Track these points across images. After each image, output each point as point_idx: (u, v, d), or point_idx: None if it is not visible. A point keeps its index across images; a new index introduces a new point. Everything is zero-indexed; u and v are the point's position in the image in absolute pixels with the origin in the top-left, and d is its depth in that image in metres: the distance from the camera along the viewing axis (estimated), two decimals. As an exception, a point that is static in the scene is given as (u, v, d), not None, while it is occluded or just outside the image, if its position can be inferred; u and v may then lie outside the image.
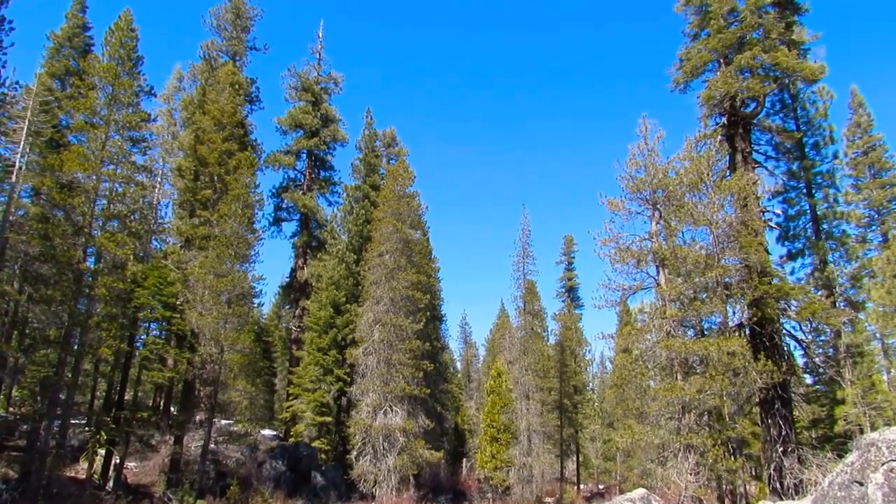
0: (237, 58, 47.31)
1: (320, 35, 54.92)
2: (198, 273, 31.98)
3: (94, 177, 30.49)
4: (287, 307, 59.38)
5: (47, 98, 34.24)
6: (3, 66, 28.09)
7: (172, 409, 39.38)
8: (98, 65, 32.69)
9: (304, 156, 52.50)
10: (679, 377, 26.58)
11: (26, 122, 30.60)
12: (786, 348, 30.12)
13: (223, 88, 39.96)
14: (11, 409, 41.15)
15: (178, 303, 33.47)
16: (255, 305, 40.53)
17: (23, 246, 29.60)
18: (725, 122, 32.38)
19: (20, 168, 30.29)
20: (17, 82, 29.66)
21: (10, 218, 29.49)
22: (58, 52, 40.86)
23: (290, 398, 44.59)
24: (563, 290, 77.05)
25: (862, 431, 30.47)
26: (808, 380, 35.74)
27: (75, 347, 30.26)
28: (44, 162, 31.17)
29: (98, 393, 42.67)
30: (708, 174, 27.56)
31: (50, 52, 40.71)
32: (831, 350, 33.15)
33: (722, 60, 32.10)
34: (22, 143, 30.54)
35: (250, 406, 38.68)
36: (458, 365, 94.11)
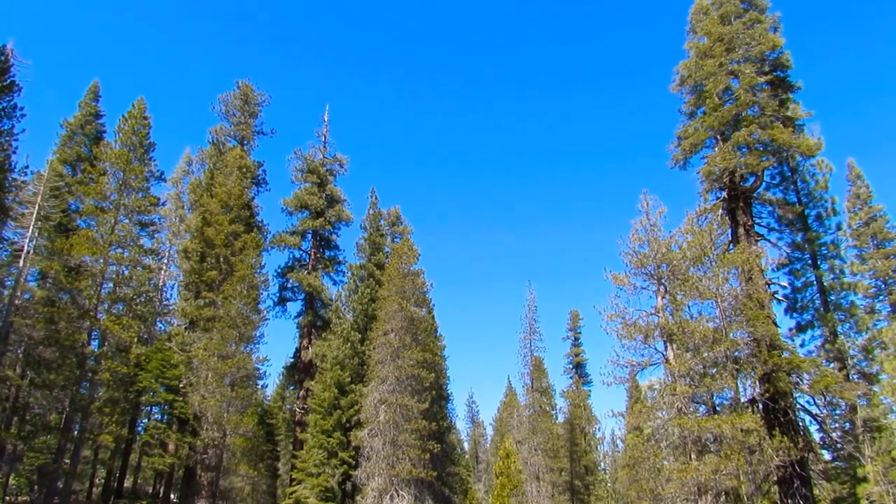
0: (245, 142, 48.49)
1: (326, 119, 56.42)
2: (202, 355, 31.77)
3: (101, 260, 30.78)
4: (291, 388, 58.52)
5: (58, 183, 34.98)
6: (15, 152, 28.79)
7: (173, 496, 38.30)
8: (110, 151, 33.58)
9: (310, 236, 52.99)
10: (693, 456, 25.82)
11: (36, 207, 31.15)
12: (801, 424, 29.40)
13: (231, 172, 40.81)
14: (8, 498, 40.06)
15: (180, 385, 33.09)
16: (259, 387, 40.13)
17: (27, 330, 29.57)
18: (726, 196, 32.77)
19: (28, 252, 30.62)
20: (27, 167, 30.40)
21: (16, 302, 29.58)
22: (70, 138, 41.94)
23: (294, 483, 43.31)
24: (571, 367, 76.00)
25: (886, 511, 29.34)
26: (827, 456, 34.66)
27: (75, 433, 29.76)
28: (52, 246, 31.53)
29: (97, 480, 41.61)
30: (711, 248, 27.66)
31: (63, 139, 41.79)
32: (848, 425, 32.31)
33: (719, 137, 32.78)
34: (31, 227, 31.00)
35: (252, 492, 37.65)
36: (466, 445, 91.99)
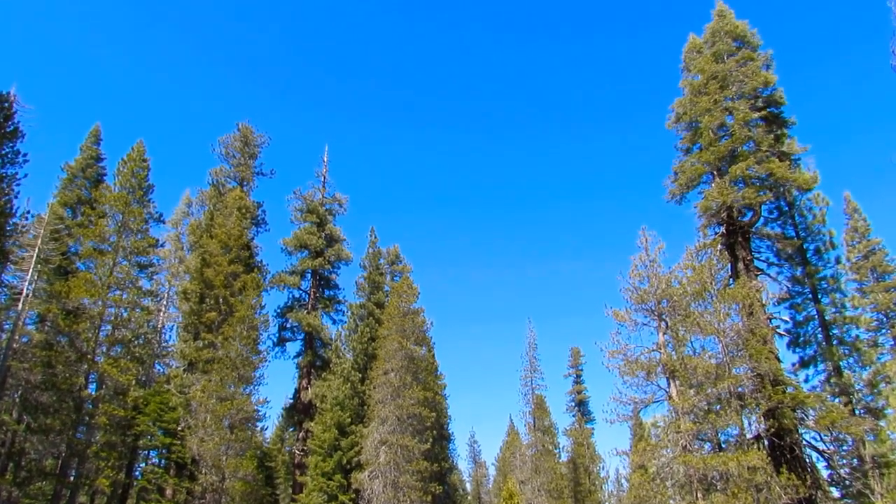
0: (244, 183, 48.76)
1: (325, 159, 56.80)
2: (200, 397, 31.45)
3: (100, 302, 30.71)
4: (290, 430, 57.74)
5: (58, 227, 35.07)
6: (16, 197, 28.89)
7: (169, 543, 37.49)
8: (109, 194, 33.77)
9: (309, 275, 52.89)
10: (699, 495, 25.40)
11: (36, 251, 31.16)
12: (808, 460, 28.96)
13: (230, 213, 40.98)
14: (1, 547, 39.22)
15: (178, 428, 32.68)
16: (258, 429, 39.60)
17: (24, 374, 29.32)
18: (724, 231, 32.88)
19: (27, 295, 30.53)
20: (28, 212, 30.49)
21: (14, 345, 29.39)
22: (71, 182, 42.16)
23: (293, 528, 42.51)
24: (573, 404, 75.08)
25: (899, 550, 28.74)
26: (836, 493, 34.05)
27: (72, 479, 29.30)
28: (51, 289, 31.46)
29: (92, 527, 40.76)
30: (711, 283, 27.63)
31: (63, 182, 42.01)
32: (856, 461, 31.84)
33: (715, 172, 33.02)
34: (31, 270, 30.98)
35: (251, 538, 36.81)
36: (468, 486, 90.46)
